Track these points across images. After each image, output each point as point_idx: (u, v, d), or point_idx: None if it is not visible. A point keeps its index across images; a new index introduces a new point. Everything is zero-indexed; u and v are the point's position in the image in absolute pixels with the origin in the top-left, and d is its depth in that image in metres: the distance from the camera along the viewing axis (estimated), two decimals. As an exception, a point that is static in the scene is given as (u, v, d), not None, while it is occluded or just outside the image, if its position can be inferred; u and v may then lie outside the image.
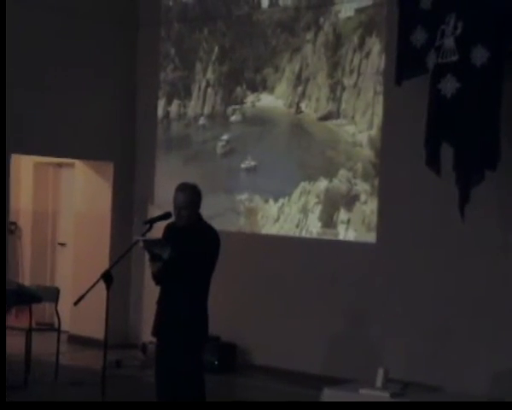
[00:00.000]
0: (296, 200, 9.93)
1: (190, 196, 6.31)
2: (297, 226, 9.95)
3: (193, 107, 10.93)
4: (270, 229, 10.19)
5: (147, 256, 6.26)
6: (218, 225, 6.65)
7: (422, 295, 8.85)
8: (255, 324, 10.01)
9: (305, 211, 9.88)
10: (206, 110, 10.80)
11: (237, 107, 10.52)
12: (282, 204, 10.05)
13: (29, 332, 8.89)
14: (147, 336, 8.95)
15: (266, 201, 10.18)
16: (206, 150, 10.78)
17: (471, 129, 7.72)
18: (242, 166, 10.41)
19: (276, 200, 10.11)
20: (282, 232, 10.05)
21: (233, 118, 10.57)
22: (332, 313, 9.43)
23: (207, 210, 6.85)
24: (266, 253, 10.05)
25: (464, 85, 7.71)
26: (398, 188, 9.06)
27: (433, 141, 7.96)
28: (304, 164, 9.93)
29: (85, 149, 10.78)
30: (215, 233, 6.36)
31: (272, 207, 10.15)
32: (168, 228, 6.45)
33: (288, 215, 10.02)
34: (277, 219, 10.12)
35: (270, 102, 10.23)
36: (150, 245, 6.16)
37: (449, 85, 7.79)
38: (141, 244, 6.16)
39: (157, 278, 6.30)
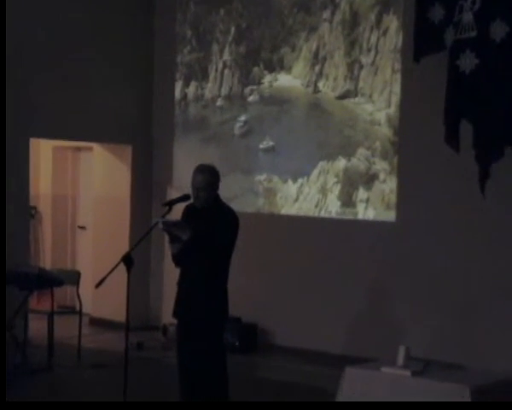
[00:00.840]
0: (315, 180, 9.91)
1: (208, 177, 6.31)
2: (316, 206, 9.93)
3: (210, 88, 10.91)
4: (289, 209, 10.18)
5: (166, 238, 6.28)
6: (236, 206, 6.67)
7: (443, 273, 8.82)
8: (276, 304, 10.02)
9: (323, 191, 9.86)
10: (224, 91, 10.78)
11: (255, 87, 10.49)
12: (301, 184, 10.03)
13: (51, 316, 8.94)
14: (167, 317, 8.98)
15: (285, 181, 10.17)
16: (223, 131, 10.76)
17: (490, 105, 7.67)
18: (260, 146, 10.39)
19: (294, 180, 10.09)
20: (301, 213, 10.04)
21: (250, 98, 10.54)
22: (352, 292, 9.42)
23: (226, 191, 6.86)
24: (285, 233, 10.05)
25: (483, 61, 7.66)
26: (418, 166, 9.02)
27: (453, 118, 7.91)
28: (322, 143, 9.90)
29: (103, 132, 10.79)
30: (234, 214, 6.36)
31: (291, 188, 10.13)
32: (187, 210, 6.45)
33: (307, 195, 10.00)
34: (296, 200, 10.10)
35: (288, 81, 10.19)
36: (170, 227, 6.17)
37: (467, 61, 7.74)
38: (160, 226, 6.17)
39: (177, 259, 6.31)
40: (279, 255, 10.05)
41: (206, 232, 6.11)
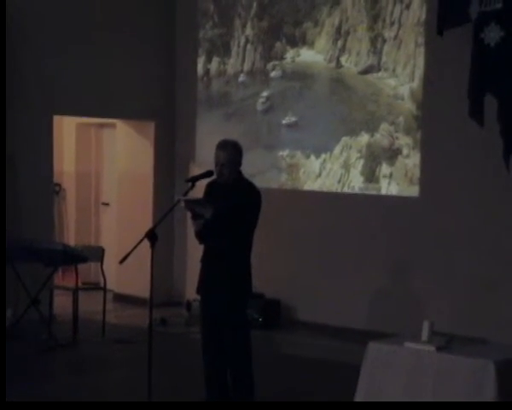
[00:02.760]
0: (338, 155, 9.88)
1: (231, 153, 6.30)
2: (339, 182, 9.91)
3: (232, 64, 10.88)
4: (311, 185, 10.16)
5: (190, 215, 6.29)
6: (259, 181, 6.67)
7: (466, 248, 8.79)
8: (299, 280, 10.03)
9: (346, 166, 9.83)
10: (246, 67, 10.75)
11: (277, 63, 10.45)
12: (324, 160, 10.00)
13: (76, 292, 9.01)
14: (191, 293, 9.02)
15: (308, 156, 10.14)
16: (246, 107, 10.74)
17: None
18: (283, 122, 10.36)
19: (317, 155, 10.06)
20: (324, 188, 10.02)
21: (273, 74, 10.50)
22: (375, 267, 9.41)
23: (249, 167, 6.84)
24: (308, 209, 10.04)
25: (508, 34, 7.57)
26: (441, 141, 8.96)
27: (477, 92, 7.84)
28: (345, 119, 9.85)
29: (126, 109, 10.80)
30: (256, 190, 6.35)
31: (314, 163, 10.10)
32: (210, 186, 6.45)
33: (330, 171, 9.97)
34: (319, 175, 10.08)
35: (310, 56, 10.14)
36: (192, 205, 6.17)
37: (492, 34, 7.66)
38: (182, 204, 6.18)
39: (200, 236, 6.32)
40: (302, 231, 10.04)
41: (229, 209, 6.11)
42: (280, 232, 10.06)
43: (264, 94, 10.52)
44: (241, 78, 10.77)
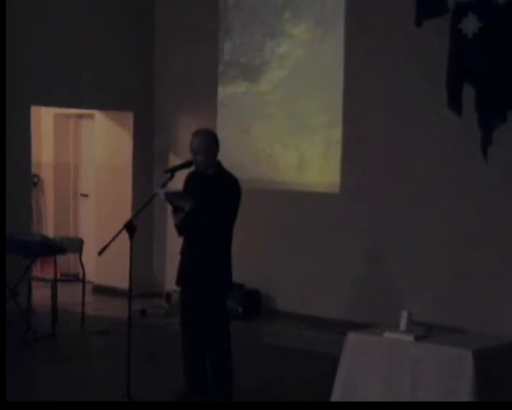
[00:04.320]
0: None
1: (203, 139, 6.28)
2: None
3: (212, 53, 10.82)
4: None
5: (169, 207, 6.28)
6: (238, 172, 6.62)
7: (445, 237, 8.82)
8: (279, 270, 10.04)
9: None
10: (226, 57, 10.70)
11: (257, 54, 10.42)
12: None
13: (54, 283, 8.97)
14: (171, 285, 9.00)
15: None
16: (227, 97, 10.70)
17: (493, 69, 7.62)
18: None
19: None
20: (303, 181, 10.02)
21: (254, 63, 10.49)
22: (355, 258, 9.42)
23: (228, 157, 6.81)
24: (287, 200, 10.04)
25: (486, 24, 7.60)
26: (415, 128, 8.99)
27: (455, 82, 7.87)
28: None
29: (104, 99, 10.76)
30: (236, 182, 6.35)
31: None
32: (190, 177, 6.44)
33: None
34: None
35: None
36: (172, 197, 6.16)
37: (470, 25, 7.69)
38: (162, 197, 6.17)
39: (180, 229, 6.31)
40: (281, 221, 10.05)
41: (209, 202, 6.10)
42: (259, 224, 10.06)
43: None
44: (221, 68, 10.73)
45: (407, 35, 8.93)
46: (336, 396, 5.20)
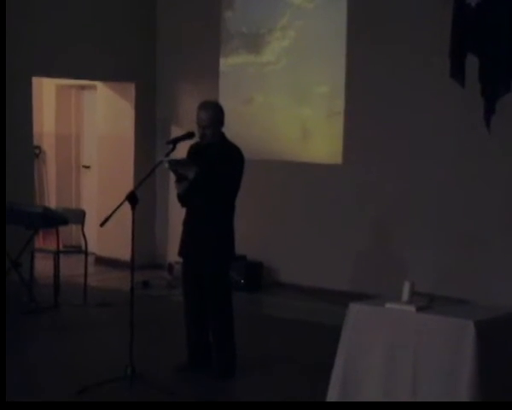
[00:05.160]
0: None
1: (213, 113, 6.27)
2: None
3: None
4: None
5: (172, 177, 6.26)
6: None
7: (447, 208, 8.81)
8: (281, 242, 10.04)
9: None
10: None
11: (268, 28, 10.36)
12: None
13: (57, 255, 8.96)
14: (173, 256, 9.00)
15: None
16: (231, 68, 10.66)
17: (497, 39, 7.57)
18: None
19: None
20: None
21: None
22: (358, 229, 9.42)
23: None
24: (290, 172, 10.01)
25: (490, -6, 7.54)
26: (423, 101, 8.95)
27: (458, 52, 7.81)
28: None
29: (106, 70, 10.71)
30: (239, 151, 6.34)
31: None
32: (192, 148, 6.43)
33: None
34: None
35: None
36: (175, 166, 6.15)
37: (474, -6, 7.62)
38: (166, 165, 6.15)
39: (183, 199, 6.30)
40: (284, 193, 10.04)
41: (212, 171, 6.08)
42: (263, 194, 10.04)
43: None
44: (223, 38, 10.65)
45: (410, 3, 8.88)
46: (338, 366, 5.21)
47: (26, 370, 6.57)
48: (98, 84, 11.25)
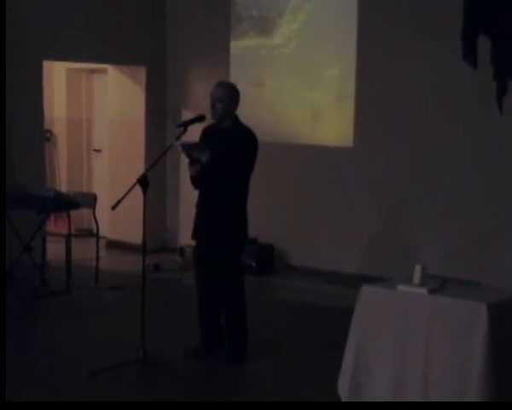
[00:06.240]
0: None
1: (228, 90, 6.28)
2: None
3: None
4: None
5: (183, 160, 6.27)
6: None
7: (457, 191, 8.79)
8: (292, 225, 10.04)
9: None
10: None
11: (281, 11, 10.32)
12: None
13: (68, 238, 8.98)
14: (184, 239, 9.03)
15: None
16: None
17: (509, 20, 7.52)
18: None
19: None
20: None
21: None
22: (369, 212, 9.41)
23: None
24: (301, 155, 10.00)
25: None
26: (430, 83, 8.92)
27: (470, 33, 7.77)
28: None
29: (117, 53, 10.70)
30: (253, 134, 6.32)
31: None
32: (205, 131, 6.42)
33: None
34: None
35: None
36: (188, 149, 6.14)
37: (485, -26, 7.57)
38: (179, 149, 6.15)
39: (196, 181, 6.30)
40: (295, 176, 10.03)
41: (226, 153, 6.08)
42: (274, 178, 10.03)
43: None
44: (233, 21, 10.62)
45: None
46: (350, 349, 5.21)
47: (37, 354, 6.60)
48: (109, 67, 11.25)
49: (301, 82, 10.02)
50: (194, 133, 6.35)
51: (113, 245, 11.17)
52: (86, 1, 10.18)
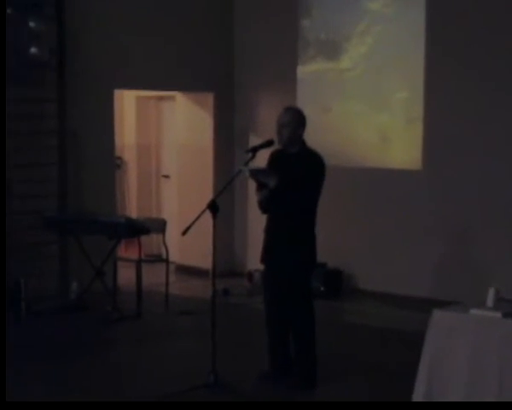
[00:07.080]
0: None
1: (293, 115, 6.30)
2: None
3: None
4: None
5: (251, 186, 6.29)
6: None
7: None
8: (360, 249, 9.99)
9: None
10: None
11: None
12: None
13: (139, 263, 9.09)
14: (252, 264, 9.05)
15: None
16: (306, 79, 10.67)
17: None
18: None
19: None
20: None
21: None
22: (438, 235, 9.31)
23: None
24: (369, 178, 9.96)
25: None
26: (504, 103, 8.80)
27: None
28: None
29: (185, 81, 10.82)
30: (321, 159, 6.32)
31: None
32: (273, 156, 6.44)
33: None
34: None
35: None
36: (256, 174, 6.17)
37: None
38: (247, 174, 6.18)
39: (264, 206, 6.32)
40: (364, 200, 9.98)
41: (293, 179, 6.09)
42: (342, 202, 10.00)
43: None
44: (300, 46, 10.66)
45: (490, 5, 8.74)
46: (423, 371, 5.15)
47: (109, 378, 6.67)
48: (177, 94, 11.39)
49: (369, 106, 10.00)
50: (261, 158, 6.38)
51: (183, 270, 11.26)
52: (154, 30, 10.32)
